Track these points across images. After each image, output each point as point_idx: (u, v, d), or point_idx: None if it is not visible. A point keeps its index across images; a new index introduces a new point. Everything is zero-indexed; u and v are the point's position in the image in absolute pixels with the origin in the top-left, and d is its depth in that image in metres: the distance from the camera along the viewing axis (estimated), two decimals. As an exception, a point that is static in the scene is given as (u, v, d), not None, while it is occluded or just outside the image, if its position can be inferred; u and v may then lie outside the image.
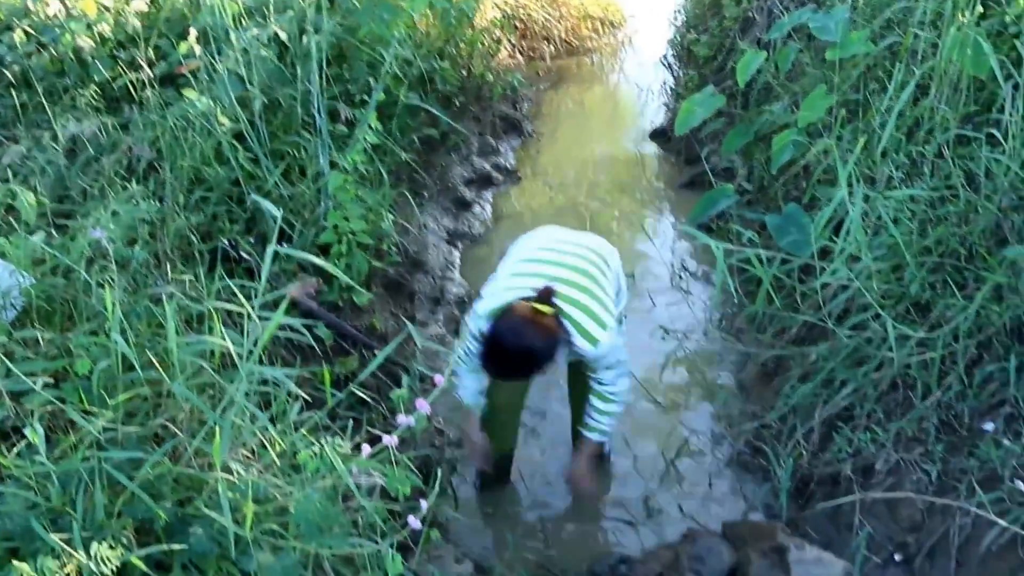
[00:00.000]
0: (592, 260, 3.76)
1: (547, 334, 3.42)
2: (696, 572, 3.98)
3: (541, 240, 3.89)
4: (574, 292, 3.57)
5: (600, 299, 3.62)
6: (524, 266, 3.71)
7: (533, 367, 3.51)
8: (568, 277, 3.61)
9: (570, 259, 3.70)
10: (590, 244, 3.88)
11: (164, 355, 2.88)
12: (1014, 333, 4.02)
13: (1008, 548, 3.66)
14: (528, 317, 3.39)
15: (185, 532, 2.50)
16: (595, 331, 3.56)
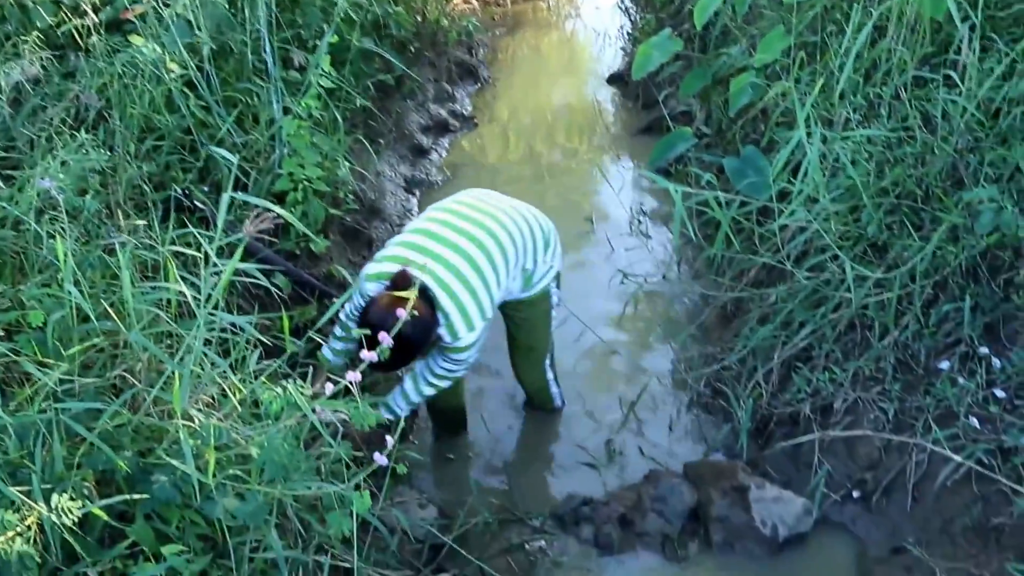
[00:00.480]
0: (490, 248, 3.60)
1: (419, 320, 3.25)
2: (658, 512, 4.01)
3: (451, 209, 3.75)
4: (452, 280, 3.49)
5: (477, 295, 3.52)
6: (414, 237, 3.62)
7: (410, 353, 3.44)
8: (453, 262, 3.51)
9: (464, 242, 3.57)
10: (505, 222, 3.72)
11: (120, 305, 2.84)
12: (969, 273, 4.06)
13: (963, 483, 3.72)
14: (393, 305, 3.17)
15: (147, 482, 2.48)
16: (460, 328, 3.51)
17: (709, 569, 3.94)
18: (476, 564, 3.66)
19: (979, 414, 3.79)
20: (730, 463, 4.20)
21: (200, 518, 2.63)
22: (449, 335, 3.53)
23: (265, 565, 2.76)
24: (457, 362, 3.71)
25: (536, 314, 4.10)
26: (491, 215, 3.72)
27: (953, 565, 3.50)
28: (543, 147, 7.34)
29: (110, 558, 2.43)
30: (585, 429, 4.60)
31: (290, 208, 4.50)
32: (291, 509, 2.80)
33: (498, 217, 3.72)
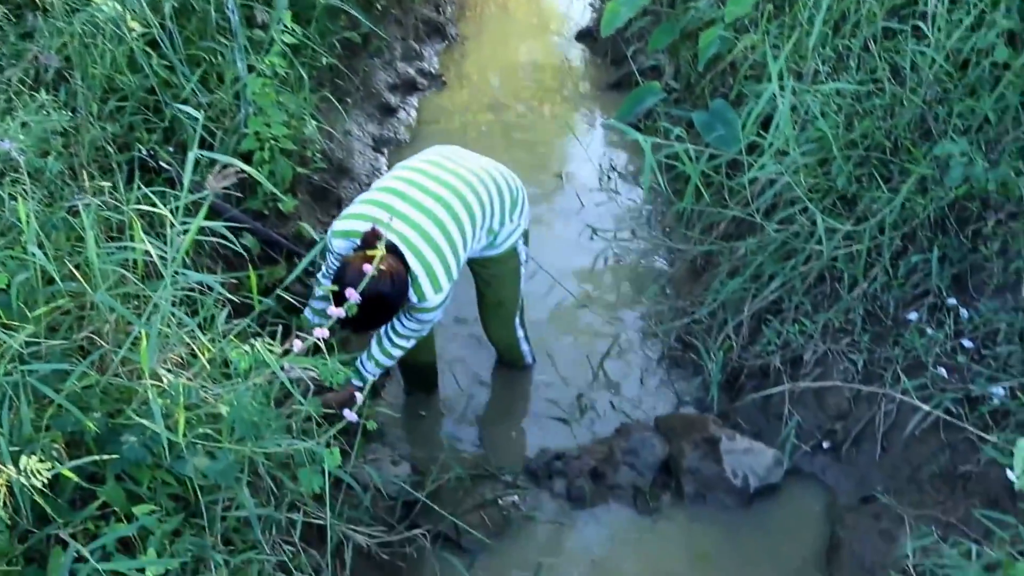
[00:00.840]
0: (456, 208, 3.58)
1: (391, 276, 3.31)
2: (630, 465, 4.03)
3: (418, 167, 3.72)
4: (420, 241, 3.47)
5: (444, 256, 3.51)
6: (382, 195, 3.59)
7: (389, 311, 3.45)
8: (420, 222, 3.49)
9: (431, 202, 3.55)
10: (471, 181, 3.70)
11: (85, 267, 2.81)
12: (937, 225, 4.08)
13: (931, 432, 3.76)
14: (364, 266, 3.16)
15: (117, 443, 2.47)
16: (427, 289, 3.49)
17: (681, 521, 3.97)
18: (450, 519, 3.67)
19: (947, 364, 3.83)
20: (701, 415, 4.22)
21: (172, 478, 2.62)
22: (416, 296, 3.52)
23: (238, 523, 2.76)
24: (422, 322, 3.70)
25: (504, 271, 4.10)
26: (458, 175, 3.69)
27: (921, 512, 3.54)
28: (512, 104, 7.30)
29: (81, 519, 2.41)
30: (556, 384, 4.61)
31: (257, 167, 4.45)
32: (263, 467, 2.79)
33: (465, 178, 3.69)
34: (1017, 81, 3.91)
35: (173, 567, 2.47)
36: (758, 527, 3.94)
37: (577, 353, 4.77)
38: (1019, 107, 3.93)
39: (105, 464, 2.46)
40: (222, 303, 3.09)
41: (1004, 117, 3.96)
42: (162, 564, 2.41)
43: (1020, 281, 3.73)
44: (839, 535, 3.74)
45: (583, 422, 4.40)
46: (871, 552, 3.58)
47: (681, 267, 5.16)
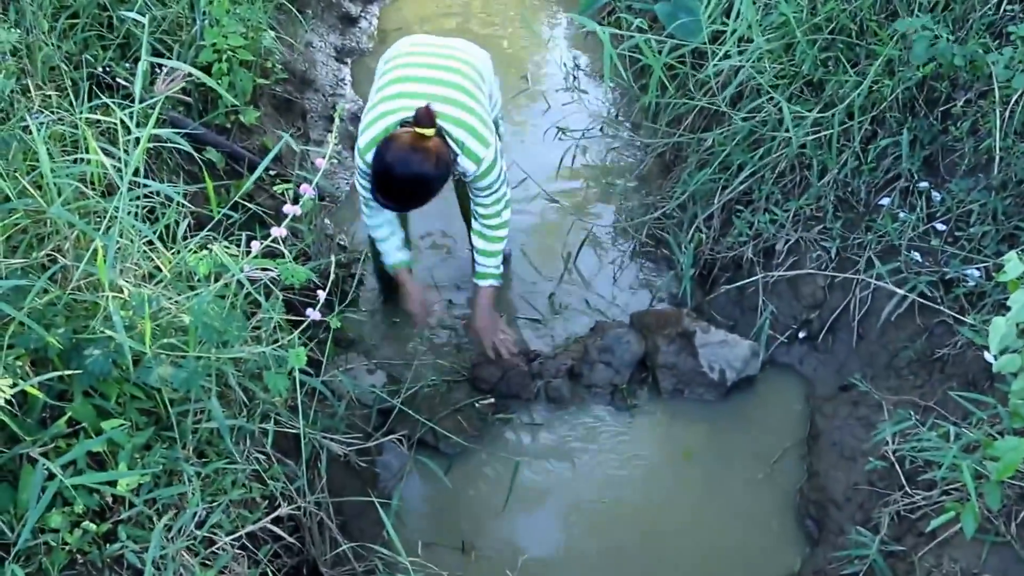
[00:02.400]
0: (466, 72, 3.57)
1: (436, 157, 3.24)
2: (606, 363, 4.03)
3: (410, 54, 3.65)
4: (452, 109, 3.40)
5: (479, 114, 3.47)
6: (396, 87, 3.49)
7: (428, 194, 3.36)
8: (444, 94, 3.43)
9: (444, 74, 3.51)
10: (462, 53, 3.67)
11: (44, 186, 2.75)
12: (907, 107, 4.05)
13: (907, 316, 3.76)
14: (413, 143, 3.19)
15: (82, 358, 2.43)
16: (477, 148, 3.43)
17: (659, 416, 3.98)
18: (427, 425, 3.66)
19: (921, 247, 3.82)
20: (675, 310, 4.21)
21: (141, 392, 2.59)
22: (472, 161, 3.44)
23: (210, 435, 2.74)
24: (494, 187, 3.63)
25: None
26: (446, 46, 3.67)
27: (899, 397, 3.56)
28: (474, 7, 7.17)
29: (51, 436, 2.38)
30: (529, 284, 4.59)
31: (216, 80, 4.37)
32: (233, 378, 2.76)
33: (453, 47, 3.68)
34: (984, -44, 3.85)
35: (145, 480, 2.46)
36: (737, 420, 3.96)
37: (549, 252, 4.74)
38: (987, -18, 3.87)
39: (72, 381, 2.43)
40: (185, 215, 3.04)
41: (971, -7, 3.91)
42: (133, 476, 2.40)
43: (991, 160, 3.69)
44: (818, 424, 3.76)
45: (557, 321, 4.39)
46: (851, 439, 3.60)
47: (650, 162, 5.11)
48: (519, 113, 5.79)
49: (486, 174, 3.53)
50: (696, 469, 3.80)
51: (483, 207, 3.69)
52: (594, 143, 5.49)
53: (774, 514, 3.63)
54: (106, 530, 2.44)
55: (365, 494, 3.29)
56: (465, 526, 3.57)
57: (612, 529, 3.62)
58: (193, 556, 2.51)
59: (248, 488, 2.76)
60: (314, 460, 3.10)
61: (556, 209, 5.01)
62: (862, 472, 3.43)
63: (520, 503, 3.67)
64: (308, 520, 3.00)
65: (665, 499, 3.71)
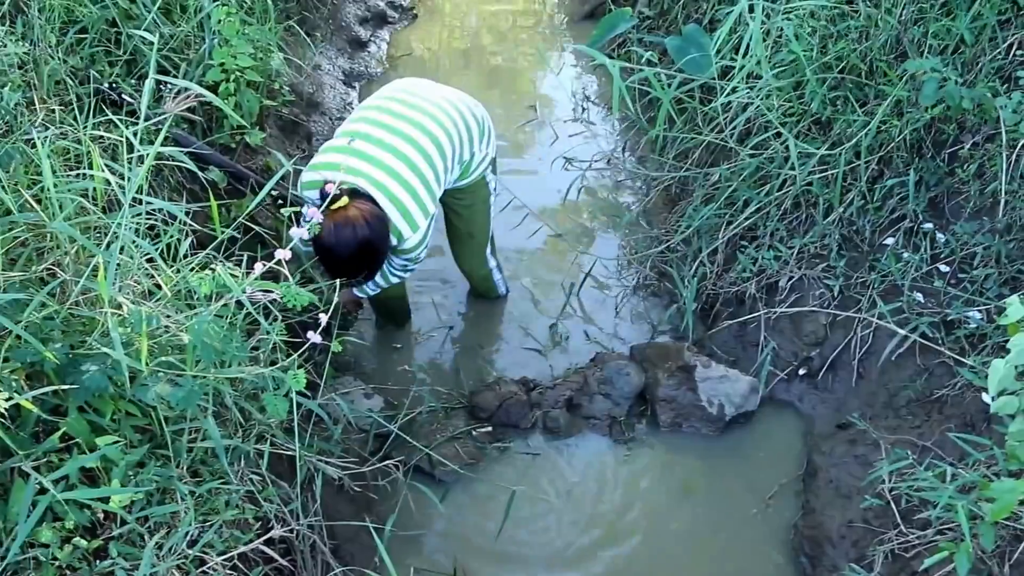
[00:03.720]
0: (424, 145, 3.52)
1: (364, 218, 3.24)
2: (605, 395, 4.02)
3: (381, 108, 3.63)
4: (390, 181, 3.41)
5: (417, 194, 3.46)
6: (347, 141, 3.51)
7: (381, 253, 3.39)
8: (390, 163, 3.43)
9: (397, 141, 3.48)
10: (436, 115, 3.62)
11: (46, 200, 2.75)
12: (914, 148, 4.05)
13: (907, 356, 3.76)
14: (336, 222, 3.19)
15: (78, 373, 2.42)
16: (403, 228, 3.45)
17: (657, 449, 3.97)
18: (423, 451, 3.65)
19: (923, 288, 3.81)
20: (676, 344, 4.20)
21: (136, 410, 2.57)
22: (395, 237, 3.47)
23: (205, 455, 2.72)
24: (408, 260, 3.69)
25: (474, 201, 4.04)
26: (422, 110, 3.61)
27: (897, 437, 3.54)
28: (485, 36, 7.21)
29: (44, 451, 2.37)
30: (531, 315, 4.59)
31: (223, 99, 4.37)
32: (230, 398, 2.75)
33: (430, 112, 3.62)
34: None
35: (138, 497, 2.45)
36: (734, 455, 3.94)
37: (552, 283, 4.74)
38: (996, 27, 3.88)
39: (68, 396, 2.42)
40: (186, 234, 3.03)
41: (981, 37, 3.92)
42: (126, 493, 2.38)
43: (997, 204, 3.70)
44: (815, 461, 3.74)
45: (558, 352, 4.38)
46: (847, 477, 3.58)
47: (656, 195, 5.12)
48: (527, 143, 5.81)
49: (407, 251, 3.60)
50: (692, 503, 3.79)
51: (391, 262, 3.74)
52: (600, 175, 5.50)
53: (769, 550, 3.60)
54: (97, 547, 2.42)
55: (359, 519, 3.27)
56: (458, 554, 3.54)
57: (606, 561, 3.59)
58: (184, 575, 2.50)
59: (241, 509, 2.74)
60: (309, 483, 3.09)
61: (560, 240, 5.01)
62: (858, 510, 3.42)
63: (514, 532, 3.64)
64: (301, 543, 2.98)
65: (660, 532, 3.69)
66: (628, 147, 5.70)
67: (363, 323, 4.48)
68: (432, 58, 6.99)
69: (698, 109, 4.70)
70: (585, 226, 5.14)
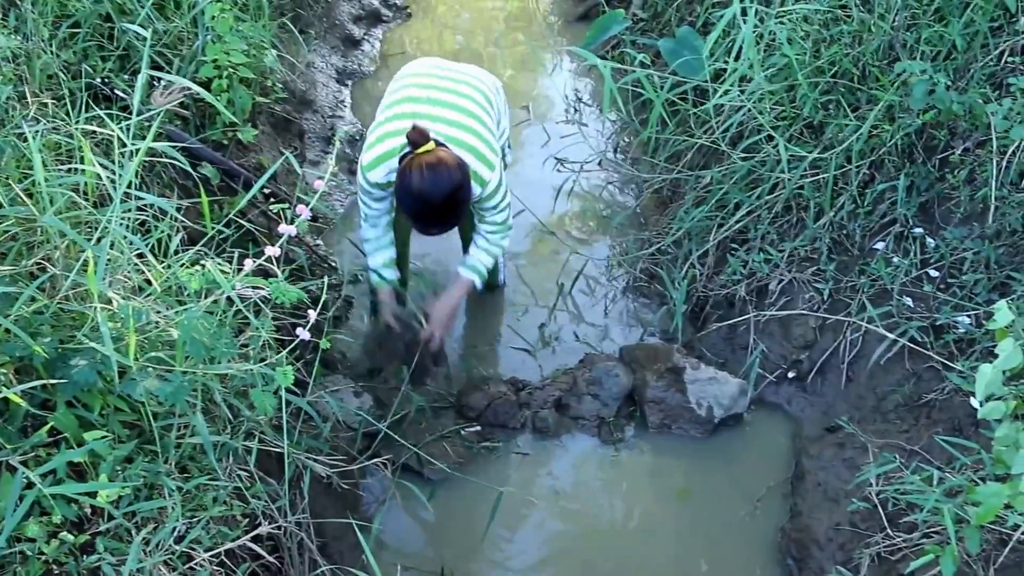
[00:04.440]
0: (473, 96, 3.60)
1: (454, 163, 3.26)
2: (594, 395, 4.02)
3: (423, 75, 3.69)
4: (457, 132, 3.44)
5: (484, 137, 3.50)
6: (405, 106, 3.52)
7: (465, 202, 3.39)
8: (452, 117, 3.47)
9: (453, 97, 3.54)
10: (471, 77, 3.72)
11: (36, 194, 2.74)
12: (905, 153, 4.06)
13: (896, 361, 3.77)
14: (426, 165, 3.20)
15: (67, 368, 2.42)
16: (482, 171, 3.46)
17: (645, 451, 3.97)
18: (412, 450, 3.64)
19: (913, 293, 3.82)
20: (665, 345, 4.21)
21: (125, 405, 2.57)
22: (478, 184, 3.48)
23: (193, 451, 2.72)
24: (498, 207, 3.68)
25: None
26: (458, 71, 3.72)
27: (885, 441, 3.55)
28: (478, 36, 7.21)
29: (31, 445, 2.37)
30: (521, 314, 4.59)
31: (215, 96, 4.37)
32: (219, 395, 2.75)
33: (466, 72, 3.73)
34: (986, 6, 3.87)
35: (125, 492, 2.44)
36: (722, 457, 3.95)
37: (542, 284, 4.74)
38: (988, 33, 3.90)
39: (56, 391, 2.41)
40: (177, 230, 3.03)
41: (973, 43, 3.94)
42: (114, 488, 2.38)
43: (987, 209, 3.71)
44: (804, 464, 3.75)
45: (547, 352, 4.39)
46: (835, 480, 3.59)
47: (647, 197, 5.12)
48: (519, 144, 5.80)
49: (492, 195, 3.58)
50: (680, 505, 3.79)
51: (488, 223, 3.74)
52: (592, 176, 5.50)
53: (755, 552, 3.61)
54: (84, 541, 2.42)
55: (347, 517, 3.27)
56: (445, 553, 3.54)
57: (592, 562, 3.60)
58: (171, 571, 2.49)
59: (229, 505, 2.74)
60: (297, 480, 3.09)
61: (551, 241, 5.02)
62: (845, 513, 3.43)
63: (501, 532, 3.64)
64: (288, 540, 2.98)
65: (647, 534, 3.70)
66: (620, 149, 5.70)
67: (355, 321, 4.47)
68: (425, 57, 6.97)
69: (690, 112, 4.70)
70: (576, 227, 5.15)
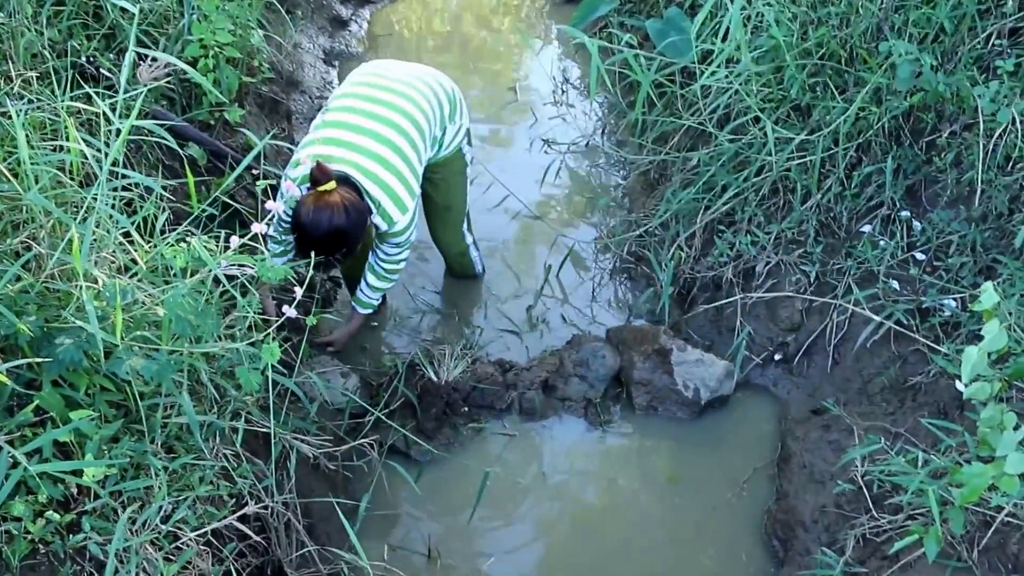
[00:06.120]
0: (403, 125, 3.59)
1: (345, 208, 3.29)
2: (581, 377, 4.02)
3: (359, 96, 3.68)
4: (376, 167, 3.48)
5: (403, 177, 3.53)
6: (327, 132, 3.56)
7: (351, 243, 3.41)
8: (372, 149, 3.50)
9: (377, 125, 3.55)
10: (409, 93, 3.69)
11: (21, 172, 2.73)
12: (892, 136, 4.06)
13: (882, 343, 3.78)
14: (317, 203, 3.26)
15: (53, 347, 2.41)
16: (393, 212, 3.51)
17: (632, 432, 3.98)
18: (399, 431, 3.64)
19: (899, 275, 3.83)
20: (652, 327, 4.21)
21: (111, 384, 2.56)
22: (385, 222, 3.54)
23: (179, 431, 2.71)
24: (400, 244, 3.73)
25: (451, 173, 4.10)
26: (394, 91, 3.68)
27: (871, 423, 3.56)
28: (466, 18, 7.19)
29: (17, 425, 2.36)
30: (508, 297, 4.59)
31: (202, 75, 4.34)
32: (205, 374, 2.74)
33: (403, 92, 3.68)
34: (974, -13, 3.88)
35: (111, 472, 2.44)
36: (709, 439, 3.96)
37: (529, 265, 4.75)
38: (975, 16, 3.89)
39: (42, 370, 2.40)
40: (163, 209, 3.02)
41: (960, 26, 3.93)
42: (100, 467, 2.38)
43: (973, 192, 3.71)
44: (789, 446, 3.76)
45: (534, 334, 4.39)
46: (821, 462, 3.60)
47: (634, 179, 5.13)
48: (506, 125, 5.80)
49: (397, 235, 3.64)
50: (666, 486, 3.80)
51: (384, 254, 3.80)
52: (579, 158, 5.50)
53: (741, 533, 3.62)
54: (70, 520, 2.41)
55: (334, 497, 3.27)
56: (432, 533, 3.55)
57: (578, 543, 3.60)
58: (157, 550, 2.49)
59: (216, 485, 2.73)
60: (283, 461, 3.08)
61: (537, 223, 5.01)
62: (830, 495, 3.43)
63: (488, 512, 3.64)
64: (275, 520, 2.98)
65: (633, 515, 3.71)
66: (607, 131, 5.71)
67: (342, 304, 4.47)
68: (413, 38, 6.97)
69: (678, 93, 4.70)
70: (563, 209, 5.15)
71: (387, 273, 3.87)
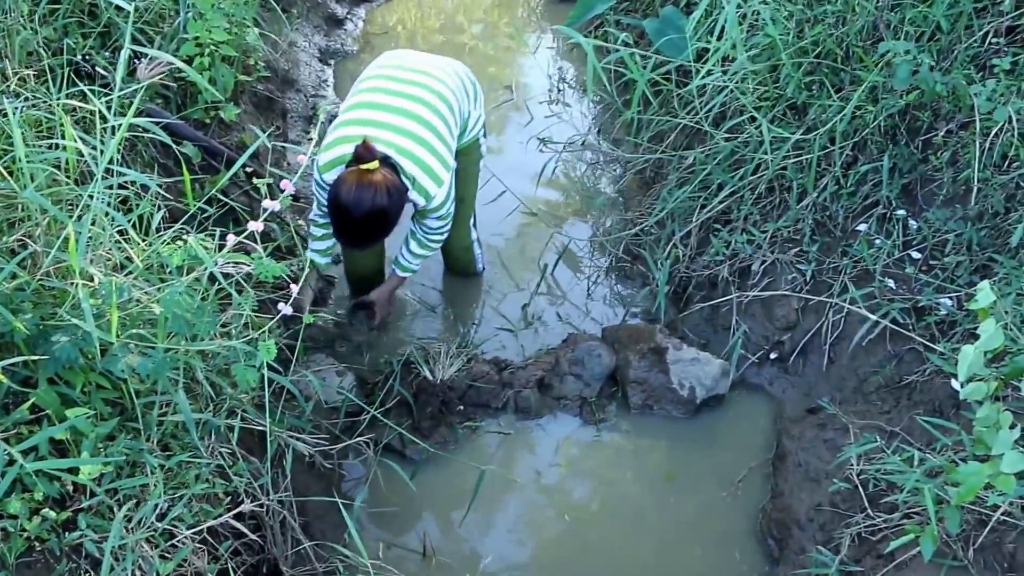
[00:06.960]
0: (434, 104, 3.62)
1: (387, 188, 3.31)
2: (576, 375, 4.02)
3: (385, 77, 3.72)
4: (409, 143, 3.49)
5: (436, 150, 3.54)
6: (360, 112, 3.57)
7: (389, 225, 3.44)
8: (405, 126, 3.51)
9: (410, 104, 3.57)
10: (437, 79, 3.72)
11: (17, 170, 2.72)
12: (888, 134, 4.06)
13: (878, 342, 3.77)
14: (360, 181, 3.27)
15: (49, 345, 2.41)
16: (429, 186, 3.52)
17: (627, 431, 3.98)
18: (394, 429, 3.64)
19: (895, 274, 3.83)
20: (648, 326, 4.21)
21: (107, 382, 2.57)
22: (422, 197, 3.55)
23: (175, 428, 2.72)
24: (442, 217, 3.76)
25: (468, 163, 4.10)
26: (422, 71, 3.72)
27: (866, 422, 3.56)
28: (462, 17, 7.19)
29: (12, 422, 2.36)
30: (504, 295, 4.59)
31: (197, 73, 4.34)
32: (200, 372, 2.74)
33: (429, 71, 3.72)
34: (971, -14, 3.88)
35: (107, 469, 2.44)
36: (704, 437, 3.96)
37: (525, 263, 4.75)
38: (972, 14, 3.89)
39: (38, 367, 2.40)
40: (159, 207, 3.02)
41: (957, 24, 3.93)
42: (96, 464, 2.38)
43: (969, 191, 3.72)
44: (785, 445, 3.76)
45: (529, 332, 4.39)
46: (816, 461, 3.60)
47: (630, 178, 5.12)
48: (502, 123, 5.80)
49: (436, 209, 3.66)
50: (661, 485, 3.80)
51: (428, 228, 3.83)
52: (575, 157, 5.50)
53: (736, 532, 3.62)
54: (66, 518, 2.42)
55: (329, 496, 3.27)
56: (427, 531, 3.55)
57: (573, 542, 3.61)
58: (153, 548, 2.49)
59: (211, 483, 2.74)
60: (279, 459, 3.08)
61: (534, 221, 5.01)
62: (826, 493, 3.43)
63: (483, 511, 3.65)
64: (270, 518, 2.98)
65: (628, 513, 3.70)
66: (603, 129, 5.70)
67: (339, 300, 4.47)
68: (408, 37, 6.97)
69: (674, 92, 4.70)
70: (559, 207, 5.15)
71: (430, 243, 3.91)
